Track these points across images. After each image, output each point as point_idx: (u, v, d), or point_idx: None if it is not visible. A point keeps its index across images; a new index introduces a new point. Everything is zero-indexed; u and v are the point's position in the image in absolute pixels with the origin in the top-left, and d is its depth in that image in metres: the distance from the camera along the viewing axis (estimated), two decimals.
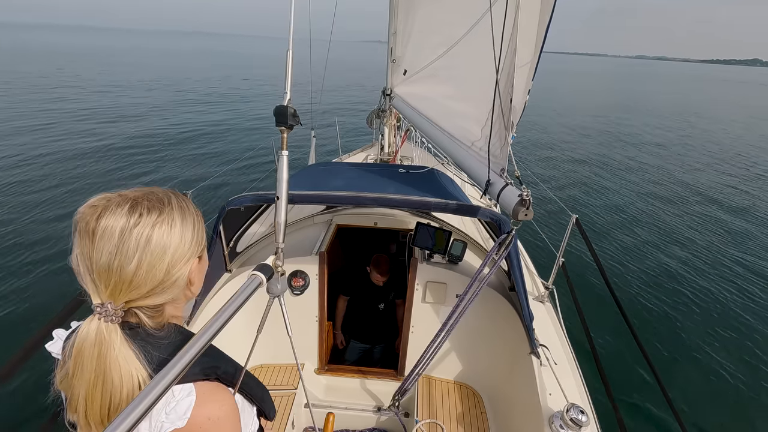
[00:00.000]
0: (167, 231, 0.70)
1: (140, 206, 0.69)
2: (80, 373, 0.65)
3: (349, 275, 2.85)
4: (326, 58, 4.22)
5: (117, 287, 0.66)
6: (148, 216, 0.69)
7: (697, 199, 9.11)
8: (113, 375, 0.65)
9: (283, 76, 1.14)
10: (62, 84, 20.11)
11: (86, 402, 0.65)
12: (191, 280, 0.77)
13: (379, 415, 2.33)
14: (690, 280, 5.69)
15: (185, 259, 0.73)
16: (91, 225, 0.66)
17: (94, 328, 0.64)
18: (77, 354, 0.65)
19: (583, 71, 78.14)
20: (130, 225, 0.67)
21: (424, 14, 3.05)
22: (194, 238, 0.75)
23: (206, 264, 0.83)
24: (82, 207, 0.68)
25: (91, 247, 0.65)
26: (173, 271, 0.71)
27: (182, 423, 0.69)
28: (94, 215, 0.67)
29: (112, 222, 0.66)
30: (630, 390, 3.63)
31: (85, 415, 0.66)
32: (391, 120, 4.48)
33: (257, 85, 25.38)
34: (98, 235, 0.65)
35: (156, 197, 0.72)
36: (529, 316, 1.95)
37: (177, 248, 0.71)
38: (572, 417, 1.55)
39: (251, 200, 1.96)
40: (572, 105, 25.44)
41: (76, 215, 0.68)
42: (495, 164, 1.75)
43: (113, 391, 0.65)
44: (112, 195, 0.70)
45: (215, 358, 0.81)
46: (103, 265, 0.65)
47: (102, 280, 0.66)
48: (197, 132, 12.42)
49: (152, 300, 0.71)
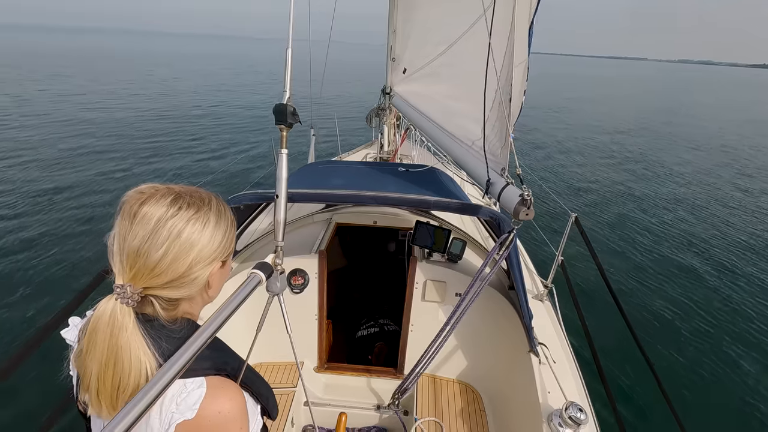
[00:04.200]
0: (200, 228, 0.73)
1: (182, 200, 0.73)
2: (93, 351, 0.67)
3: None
4: (326, 57, 4.22)
5: (140, 271, 0.69)
6: (186, 210, 0.72)
7: (697, 199, 9.12)
8: (123, 357, 0.66)
9: (282, 75, 1.14)
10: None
11: (98, 381, 0.67)
12: (210, 282, 0.78)
13: (378, 414, 2.34)
14: (690, 278, 5.70)
15: (209, 260, 0.76)
16: (134, 209, 0.70)
17: (110, 308, 0.67)
18: (91, 331, 0.67)
19: (602, 75, 77.53)
20: (167, 215, 0.70)
21: (424, 12, 3.05)
22: (223, 242, 0.78)
23: (228, 271, 0.85)
24: (131, 191, 0.73)
25: (129, 228, 0.69)
26: (195, 268, 0.73)
27: (192, 414, 0.70)
28: (139, 200, 0.71)
29: (153, 210, 0.70)
30: (629, 388, 3.64)
31: (97, 395, 0.68)
32: (391, 118, 4.48)
33: (259, 85, 25.34)
34: (137, 219, 0.69)
35: (198, 195, 0.76)
36: (529, 315, 1.95)
37: (204, 247, 0.74)
38: (571, 415, 1.55)
39: (251, 198, 1.95)
40: (579, 108, 25.42)
41: (124, 197, 0.72)
42: (495, 163, 1.75)
43: (123, 374, 0.67)
44: (160, 185, 0.75)
45: (225, 353, 0.83)
46: (133, 248, 0.68)
47: (128, 261, 0.68)
48: (196, 130, 12.42)
49: (169, 293, 0.73)
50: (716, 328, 4.67)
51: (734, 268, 6.06)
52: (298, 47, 1.32)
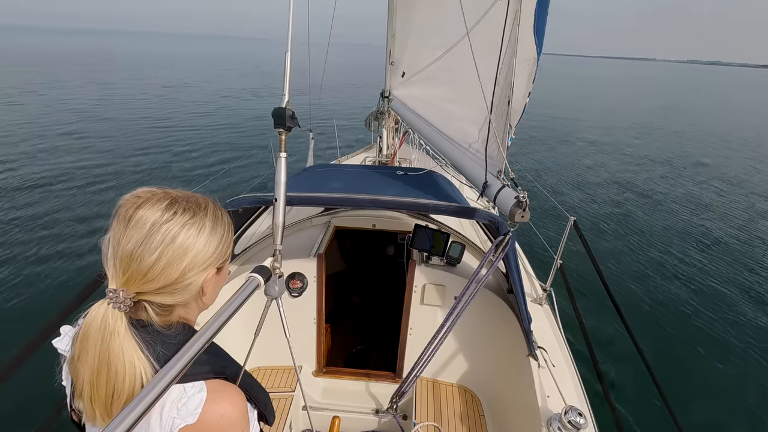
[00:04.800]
0: (194, 234, 0.72)
1: (177, 205, 0.72)
2: (84, 356, 0.66)
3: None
4: (325, 61, 4.23)
5: (133, 276, 0.68)
6: (181, 215, 0.72)
7: (699, 201, 9.14)
8: (116, 363, 0.65)
9: (281, 79, 1.14)
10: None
11: (91, 388, 0.66)
12: (204, 289, 0.77)
13: (377, 418, 2.33)
14: (689, 282, 5.71)
15: (203, 266, 0.74)
16: (130, 213, 0.69)
17: (101, 313, 0.66)
18: (83, 337, 0.66)
19: (606, 75, 77.69)
20: (162, 220, 0.69)
21: (423, 16, 3.06)
22: (218, 249, 0.77)
23: (224, 278, 0.84)
24: (128, 195, 0.72)
25: (123, 232, 0.68)
26: (189, 274, 0.72)
27: (193, 419, 0.69)
28: (134, 204, 0.70)
29: (148, 214, 0.69)
30: (628, 392, 3.63)
31: (90, 401, 0.67)
32: (390, 122, 4.48)
33: (259, 88, 25.41)
34: (132, 223, 0.69)
35: (195, 200, 0.76)
36: (528, 319, 1.94)
37: (198, 253, 0.73)
38: (570, 419, 1.55)
39: (249, 202, 1.95)
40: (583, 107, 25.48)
41: (120, 201, 0.72)
42: (492, 166, 1.76)
43: (116, 379, 0.66)
44: (157, 190, 0.74)
45: (223, 358, 0.82)
46: (126, 252, 0.68)
47: (122, 265, 0.68)
48: (195, 133, 12.42)
49: (162, 298, 0.71)
50: (718, 332, 4.67)
51: (736, 271, 6.07)
52: (298, 50, 1.32)
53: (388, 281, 3.36)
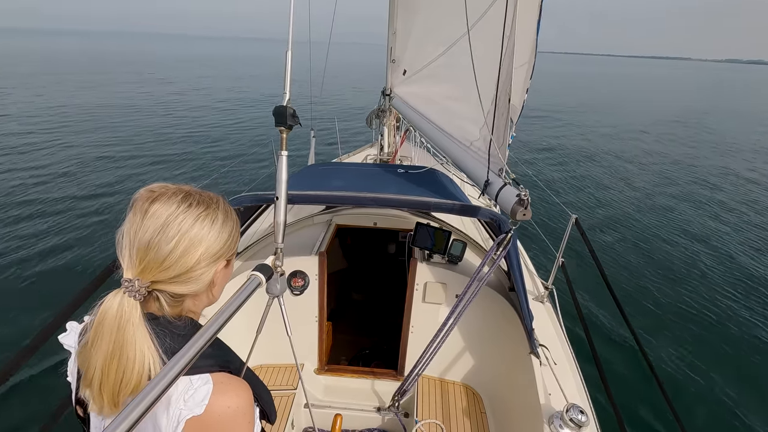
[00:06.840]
0: (208, 225, 0.77)
1: (191, 198, 0.77)
2: (99, 343, 0.67)
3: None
4: (326, 58, 4.22)
5: (150, 264, 0.71)
6: (195, 208, 0.76)
7: (700, 199, 9.11)
8: (128, 351, 0.67)
9: (282, 77, 1.14)
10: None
11: (102, 373, 0.67)
12: (214, 281, 0.81)
13: (378, 416, 2.33)
14: (691, 280, 5.69)
15: (216, 257, 0.78)
16: (145, 206, 0.73)
17: (117, 301, 0.68)
18: (98, 324, 0.68)
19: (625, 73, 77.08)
20: (178, 212, 0.74)
21: (424, 14, 3.05)
22: (229, 241, 0.81)
23: (231, 271, 0.88)
24: (143, 189, 0.76)
25: (140, 224, 0.72)
26: (202, 263, 0.76)
27: (200, 410, 0.71)
28: (149, 198, 0.74)
29: (164, 207, 0.73)
30: (630, 390, 3.63)
31: (99, 388, 0.68)
32: (391, 120, 4.48)
33: (258, 86, 25.39)
34: (149, 215, 0.72)
35: (207, 195, 0.81)
36: (529, 316, 1.94)
37: (212, 244, 0.77)
38: (572, 417, 1.55)
39: (251, 200, 1.96)
40: (584, 103, 25.39)
41: (135, 195, 0.76)
42: (494, 164, 1.75)
43: (126, 367, 0.67)
44: (170, 185, 0.79)
45: (227, 353, 0.84)
46: (144, 241, 0.71)
47: (138, 255, 0.71)
48: (196, 132, 12.44)
49: (175, 287, 0.75)
50: (720, 331, 4.66)
51: (741, 270, 6.05)
52: (298, 49, 1.32)
53: (390, 279, 3.36)
